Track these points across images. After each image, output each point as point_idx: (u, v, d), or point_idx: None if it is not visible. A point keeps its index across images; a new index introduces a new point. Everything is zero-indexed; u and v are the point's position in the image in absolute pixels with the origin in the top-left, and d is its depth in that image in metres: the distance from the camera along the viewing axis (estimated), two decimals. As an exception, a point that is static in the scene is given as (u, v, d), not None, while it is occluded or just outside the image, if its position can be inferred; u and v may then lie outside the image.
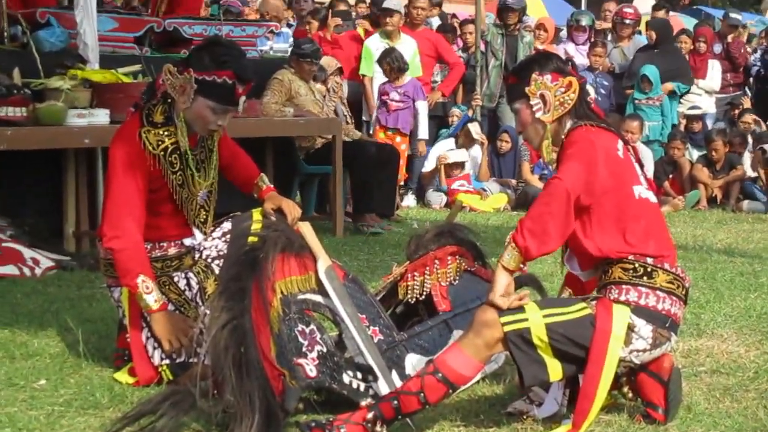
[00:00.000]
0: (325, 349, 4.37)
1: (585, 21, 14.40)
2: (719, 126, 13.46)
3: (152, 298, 4.85)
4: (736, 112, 14.15)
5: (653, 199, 4.43)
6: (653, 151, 12.71)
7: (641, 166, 4.51)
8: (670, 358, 4.38)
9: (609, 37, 14.56)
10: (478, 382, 4.59)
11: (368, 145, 10.19)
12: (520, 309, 4.10)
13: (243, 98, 5.05)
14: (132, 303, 4.96)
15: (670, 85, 13.08)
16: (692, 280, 7.24)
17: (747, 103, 14.42)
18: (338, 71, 11.05)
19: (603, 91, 13.58)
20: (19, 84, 7.87)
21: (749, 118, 13.42)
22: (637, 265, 4.23)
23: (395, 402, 4.12)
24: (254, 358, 4.08)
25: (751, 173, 12.40)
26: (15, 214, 8.20)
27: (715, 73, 14.05)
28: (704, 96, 14.02)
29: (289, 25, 13.21)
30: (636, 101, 13.16)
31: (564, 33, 15.36)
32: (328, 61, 10.99)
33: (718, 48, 14.60)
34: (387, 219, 10.13)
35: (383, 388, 4.42)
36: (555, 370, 4.13)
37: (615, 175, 4.26)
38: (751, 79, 15.23)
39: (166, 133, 4.95)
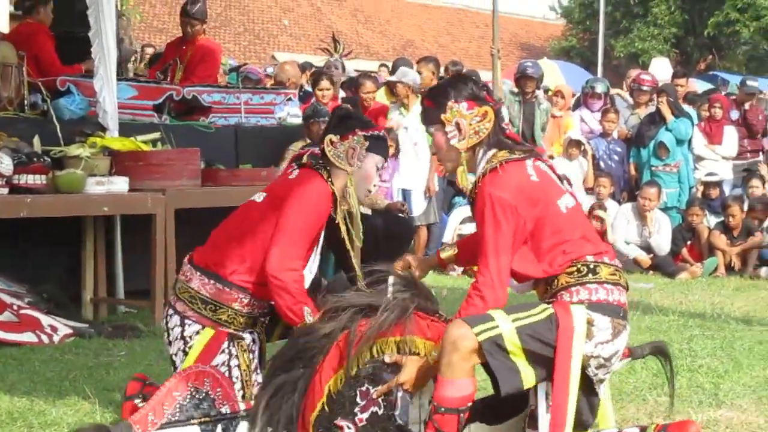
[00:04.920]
0: (380, 412, 4.32)
1: (600, 88, 14.39)
2: (736, 192, 13.51)
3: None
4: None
5: (575, 201, 4.48)
6: (671, 218, 12.72)
7: (560, 177, 4.55)
8: (697, 426, 4.39)
9: (625, 104, 14.61)
10: None
11: (376, 217, 10.18)
12: (489, 317, 4.15)
13: None
14: (206, 349, 4.98)
15: None
16: (710, 348, 7.31)
17: (763, 170, 14.37)
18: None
19: (616, 158, 13.63)
20: (39, 152, 7.95)
21: (756, 183, 13.42)
22: (579, 266, 4.31)
23: None
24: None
25: (768, 240, 12.38)
26: (33, 280, 8.23)
27: (731, 139, 14.03)
28: (721, 162, 14.00)
29: (304, 92, 13.27)
30: (653, 168, 13.20)
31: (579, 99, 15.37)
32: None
33: (735, 114, 14.61)
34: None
35: None
36: (528, 376, 4.18)
37: (537, 203, 4.31)
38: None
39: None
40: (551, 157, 13.17)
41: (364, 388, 4.31)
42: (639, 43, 38.80)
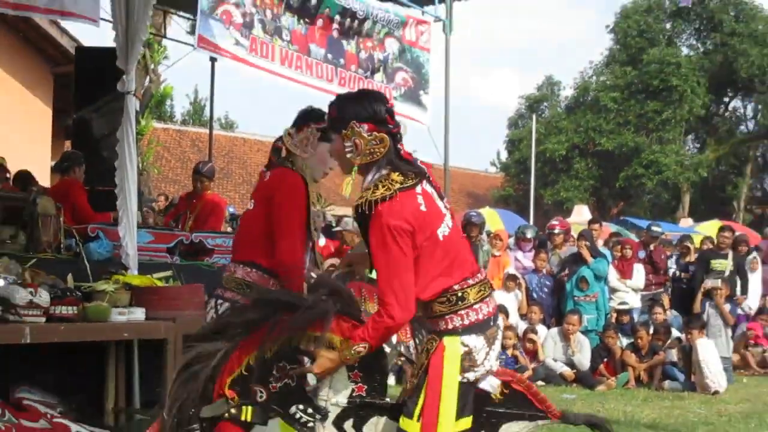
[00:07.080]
0: (292, 384, 4.08)
1: (530, 233, 14.71)
2: (643, 318, 13.63)
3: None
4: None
5: (451, 223, 4.09)
6: (590, 339, 12.76)
7: (441, 196, 4.14)
8: None
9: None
10: None
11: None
12: None
13: None
14: None
15: None
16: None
17: (666, 300, 14.55)
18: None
19: (546, 290, 13.73)
20: (72, 287, 7.95)
21: (658, 310, 13.53)
22: (449, 296, 3.98)
23: None
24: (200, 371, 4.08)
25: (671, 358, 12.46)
26: (64, 393, 8.17)
27: (639, 274, 14.20)
28: (631, 293, 14.14)
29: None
30: (575, 298, 13.28)
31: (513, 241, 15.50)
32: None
33: (642, 254, 14.80)
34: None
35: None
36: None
37: (424, 232, 3.94)
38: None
39: None
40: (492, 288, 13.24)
41: (281, 364, 4.09)
42: (564, 192, 39.41)
